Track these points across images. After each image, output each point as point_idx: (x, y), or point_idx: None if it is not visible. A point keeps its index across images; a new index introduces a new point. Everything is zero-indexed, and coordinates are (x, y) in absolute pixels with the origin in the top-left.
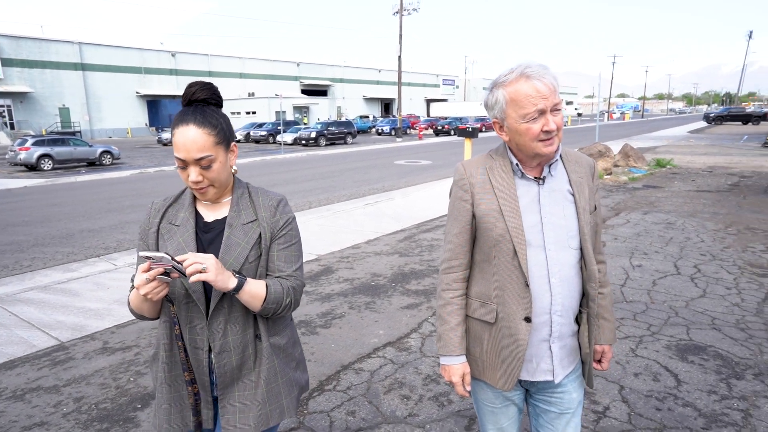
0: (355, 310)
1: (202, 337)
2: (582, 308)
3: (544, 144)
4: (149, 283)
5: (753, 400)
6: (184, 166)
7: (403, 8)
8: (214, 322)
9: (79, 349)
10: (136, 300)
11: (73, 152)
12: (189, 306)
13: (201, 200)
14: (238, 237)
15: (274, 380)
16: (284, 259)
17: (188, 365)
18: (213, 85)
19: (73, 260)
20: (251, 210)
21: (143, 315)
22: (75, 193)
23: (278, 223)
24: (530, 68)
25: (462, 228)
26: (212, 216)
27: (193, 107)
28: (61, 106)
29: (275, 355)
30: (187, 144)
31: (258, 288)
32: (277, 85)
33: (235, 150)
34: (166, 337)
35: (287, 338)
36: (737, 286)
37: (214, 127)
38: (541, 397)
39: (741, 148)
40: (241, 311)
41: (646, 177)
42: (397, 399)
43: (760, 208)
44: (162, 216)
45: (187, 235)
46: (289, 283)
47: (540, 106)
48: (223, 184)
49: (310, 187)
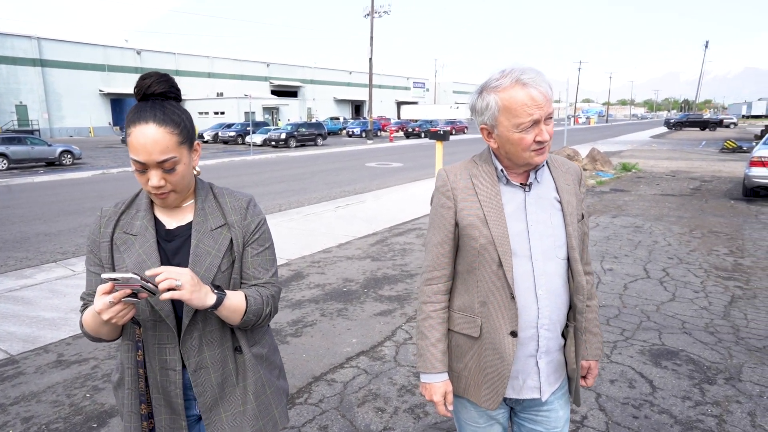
0: (326, 317)
1: (173, 357)
2: (569, 322)
3: (536, 153)
4: (113, 306)
5: (726, 405)
6: (143, 169)
7: (374, 11)
8: (187, 340)
9: (30, 362)
10: (93, 323)
11: (31, 151)
12: (156, 325)
13: (160, 205)
14: (207, 244)
15: (263, 392)
16: (259, 265)
17: (147, 397)
18: (170, 76)
19: (27, 266)
20: (219, 213)
21: (100, 338)
22: (31, 195)
23: (250, 227)
24: (526, 74)
25: (444, 237)
26: (174, 222)
27: (151, 102)
28: (18, 104)
29: (260, 366)
30: (148, 145)
31: (237, 301)
32: (246, 85)
33: (198, 149)
34: (131, 361)
35: (268, 346)
36: (704, 289)
37: (176, 124)
38: (527, 416)
39: (700, 153)
40: (217, 324)
41: (613, 181)
42: (372, 412)
43: (721, 212)
44: (115, 224)
45: (148, 246)
46: (267, 291)
47: (535, 116)
48: (185, 188)
49: (280, 189)
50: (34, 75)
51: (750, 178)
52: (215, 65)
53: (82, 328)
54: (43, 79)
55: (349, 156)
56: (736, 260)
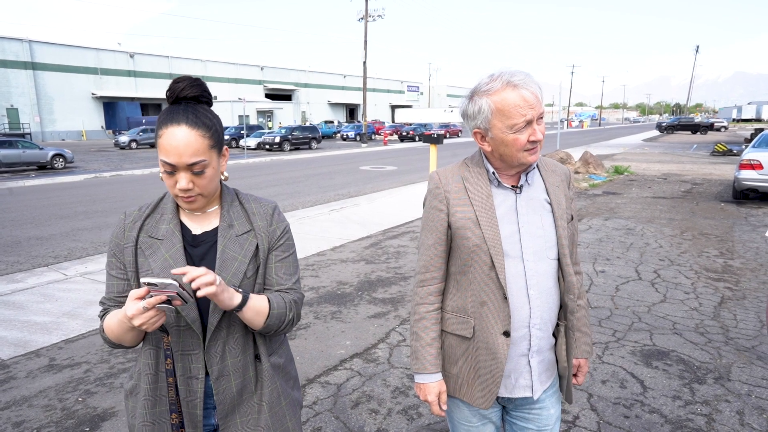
0: (320, 320)
1: (197, 364)
2: (560, 321)
3: (529, 153)
4: (146, 312)
5: (715, 404)
6: (172, 171)
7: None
8: (212, 347)
9: (21, 367)
10: (118, 329)
11: (22, 155)
12: (181, 332)
13: (185, 210)
14: (234, 250)
15: (277, 403)
16: (283, 271)
17: (178, 406)
18: (202, 81)
19: (19, 270)
20: (245, 219)
21: (121, 344)
22: (23, 198)
23: (275, 233)
24: (516, 76)
25: (437, 239)
26: (200, 228)
27: (183, 105)
28: (9, 107)
29: (277, 376)
30: (180, 147)
31: (261, 303)
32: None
33: (226, 154)
34: (150, 368)
35: (285, 357)
36: (695, 290)
37: (208, 128)
38: (519, 414)
39: (691, 156)
40: (240, 331)
41: (606, 183)
42: (366, 413)
43: (711, 214)
44: (140, 228)
45: (175, 250)
46: (290, 296)
47: (528, 117)
48: (212, 193)
49: (274, 192)
50: (26, 78)
51: (740, 180)
52: (209, 68)
53: (102, 333)
54: (34, 82)
55: (343, 159)
56: (726, 262)
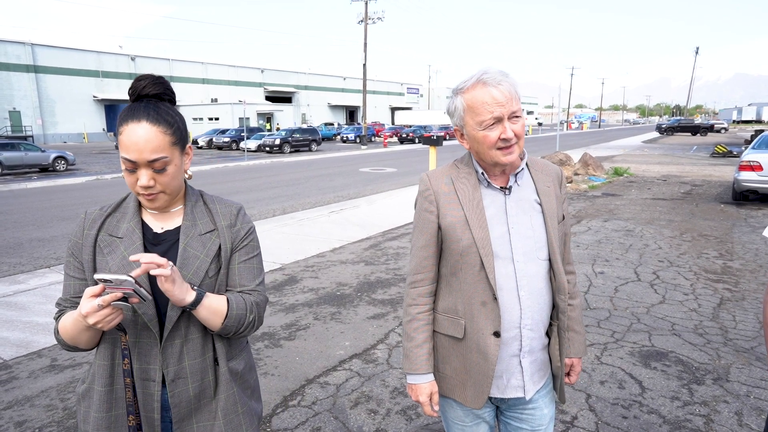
0: (320, 321)
1: (154, 366)
2: (552, 321)
3: (502, 152)
4: (101, 310)
5: (713, 405)
6: (133, 168)
7: (367, 17)
8: (168, 347)
9: (23, 367)
10: (72, 329)
11: (24, 157)
12: (138, 332)
13: (148, 209)
14: (196, 249)
15: (233, 410)
16: (246, 273)
17: (136, 408)
18: (165, 79)
19: (21, 271)
20: (208, 219)
21: (76, 346)
22: (25, 200)
23: (239, 233)
24: (487, 74)
25: (428, 240)
26: (162, 226)
27: (145, 103)
28: (12, 110)
29: (234, 382)
30: (140, 143)
31: (218, 303)
32: (240, 91)
33: (190, 153)
34: (105, 370)
35: (244, 363)
36: (694, 291)
37: (170, 125)
38: (513, 414)
39: (691, 157)
40: (199, 332)
41: (605, 185)
42: (364, 414)
43: (711, 216)
44: (100, 227)
45: (134, 248)
46: (252, 298)
47: (496, 114)
48: (175, 191)
49: (274, 194)
50: (28, 81)
51: (739, 182)
52: (209, 71)
53: (56, 335)
54: (36, 85)
55: (343, 161)
56: (726, 263)
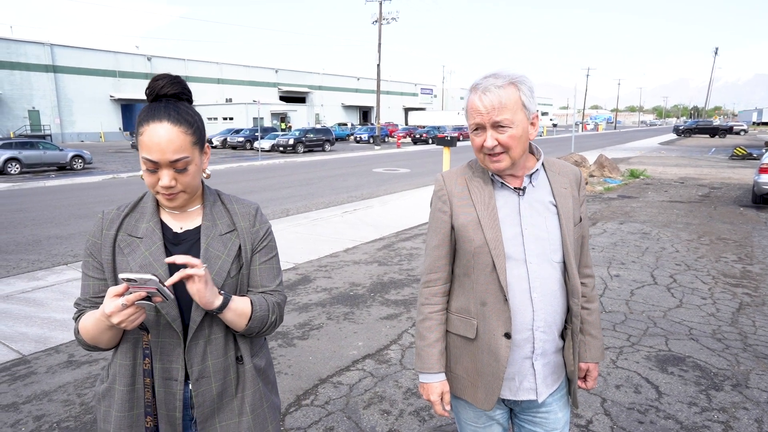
0: (333, 320)
1: (177, 365)
2: (567, 324)
3: (490, 159)
4: (125, 310)
5: (732, 411)
6: (155, 168)
7: (382, 17)
8: (193, 347)
9: (42, 362)
10: (94, 329)
11: (43, 156)
12: (160, 331)
13: (166, 208)
14: (217, 249)
15: (260, 406)
16: (266, 273)
17: (154, 410)
18: (182, 78)
19: (39, 268)
20: (227, 219)
21: (97, 346)
22: (43, 198)
23: (258, 234)
24: (484, 80)
25: (441, 240)
26: (181, 226)
27: (165, 103)
28: (31, 109)
29: (258, 378)
30: (162, 143)
31: (243, 305)
32: (255, 91)
33: (208, 152)
34: (126, 370)
35: (265, 360)
36: (712, 296)
37: (190, 125)
38: (526, 417)
39: (710, 160)
40: (222, 331)
41: (621, 187)
42: (377, 414)
43: (730, 219)
44: (119, 227)
45: (155, 248)
46: (274, 298)
47: (476, 120)
48: (194, 190)
49: (287, 194)
50: (47, 81)
51: (759, 185)
52: (224, 71)
53: (77, 335)
54: (55, 85)
55: (356, 162)
56: (745, 267)
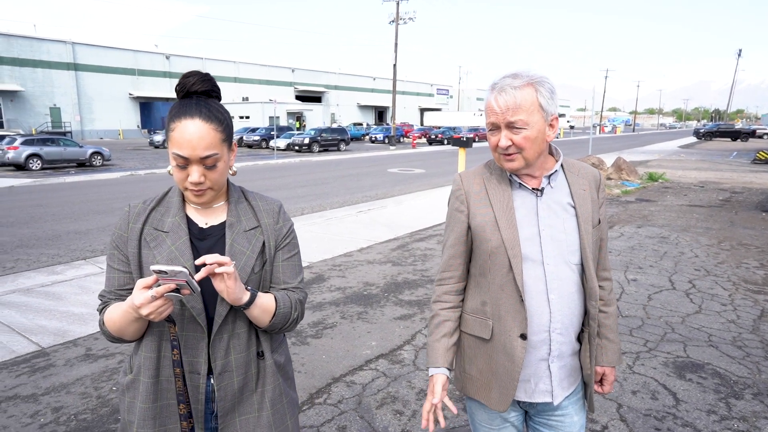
0: (347, 320)
1: (200, 359)
2: (584, 327)
3: (504, 158)
4: (155, 301)
5: (753, 421)
6: (185, 164)
7: (399, 17)
8: (217, 341)
9: (60, 355)
10: (121, 320)
11: (63, 152)
12: (184, 325)
13: (193, 203)
14: (242, 245)
15: (279, 401)
16: (289, 270)
17: (186, 397)
18: (211, 76)
19: (59, 262)
20: (252, 215)
21: (122, 338)
22: (63, 194)
23: (282, 231)
24: (502, 80)
25: (456, 239)
26: (206, 222)
27: (196, 100)
28: (52, 106)
29: (279, 373)
30: (193, 140)
31: (268, 301)
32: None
33: (235, 149)
34: (152, 362)
35: (285, 356)
36: (732, 302)
37: (220, 122)
38: (541, 420)
39: (731, 163)
40: (245, 327)
41: (639, 190)
42: (390, 414)
43: (752, 224)
44: (145, 220)
45: (181, 243)
46: (296, 295)
47: (492, 120)
48: (221, 187)
49: (302, 193)
50: (68, 78)
51: None
52: (241, 70)
53: (102, 326)
54: (76, 83)
55: (371, 161)
56: (767, 274)
